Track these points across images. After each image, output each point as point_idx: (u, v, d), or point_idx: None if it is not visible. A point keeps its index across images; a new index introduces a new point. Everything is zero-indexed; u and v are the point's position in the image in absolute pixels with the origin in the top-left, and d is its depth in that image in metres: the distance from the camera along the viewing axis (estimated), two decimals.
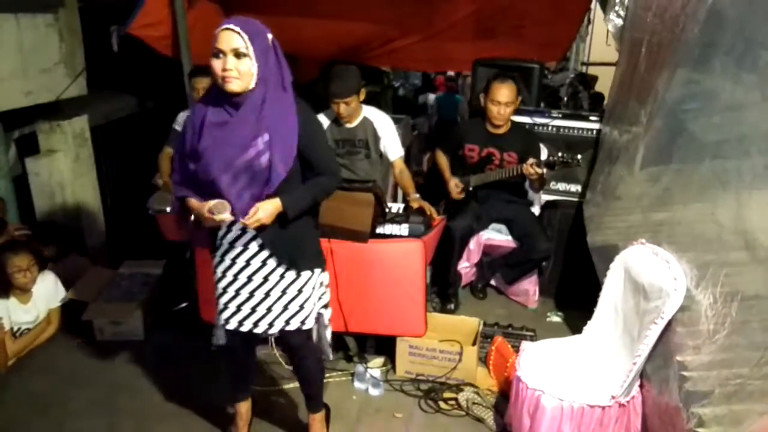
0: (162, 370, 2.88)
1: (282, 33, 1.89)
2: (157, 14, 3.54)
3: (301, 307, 2.05)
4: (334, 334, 2.68)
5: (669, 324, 1.96)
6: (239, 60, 1.75)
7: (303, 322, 2.07)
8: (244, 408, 2.33)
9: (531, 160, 3.06)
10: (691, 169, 2.03)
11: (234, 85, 1.77)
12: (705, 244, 1.90)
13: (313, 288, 2.07)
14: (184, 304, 3.24)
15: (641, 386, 2.17)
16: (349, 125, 3.08)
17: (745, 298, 1.55)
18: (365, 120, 3.09)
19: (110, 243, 4.09)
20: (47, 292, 3.12)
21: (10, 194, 3.60)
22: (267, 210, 1.85)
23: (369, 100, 3.10)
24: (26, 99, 3.40)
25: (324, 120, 3.10)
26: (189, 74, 3.47)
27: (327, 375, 2.81)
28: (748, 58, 1.72)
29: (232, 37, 1.75)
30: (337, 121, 3.06)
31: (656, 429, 2.07)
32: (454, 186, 3.34)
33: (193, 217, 1.93)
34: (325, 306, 2.19)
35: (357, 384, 2.76)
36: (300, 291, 2.03)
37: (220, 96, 1.83)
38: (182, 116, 3.46)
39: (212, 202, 1.82)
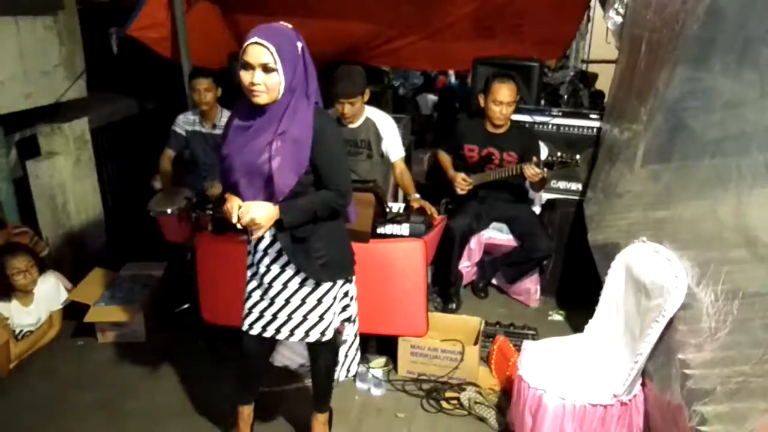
0: (164, 372, 2.88)
1: None
2: (157, 16, 3.55)
3: (321, 317, 2.04)
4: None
5: (670, 322, 1.96)
6: (267, 75, 1.74)
7: (323, 334, 2.06)
8: (246, 411, 2.33)
9: (533, 160, 3.05)
10: (692, 166, 2.03)
11: (261, 99, 1.77)
12: (706, 241, 1.89)
13: (334, 298, 2.05)
14: (185, 306, 3.24)
15: (643, 384, 2.17)
16: (351, 125, 3.07)
17: (747, 296, 1.55)
18: (368, 120, 3.09)
19: (111, 245, 4.09)
20: (49, 293, 3.12)
21: (10, 197, 3.60)
22: (260, 210, 1.82)
23: (369, 100, 3.10)
24: (26, 102, 3.41)
25: (328, 113, 3.10)
26: (188, 76, 3.48)
27: None
28: (748, 55, 1.72)
29: (260, 52, 1.72)
30: (339, 121, 3.06)
31: (658, 427, 2.07)
32: (462, 180, 3.28)
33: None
34: (348, 320, 2.16)
35: (359, 384, 2.76)
36: (320, 301, 2.02)
37: (247, 104, 1.84)
38: (181, 118, 3.46)
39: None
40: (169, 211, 3.14)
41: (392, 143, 3.12)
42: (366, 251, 2.65)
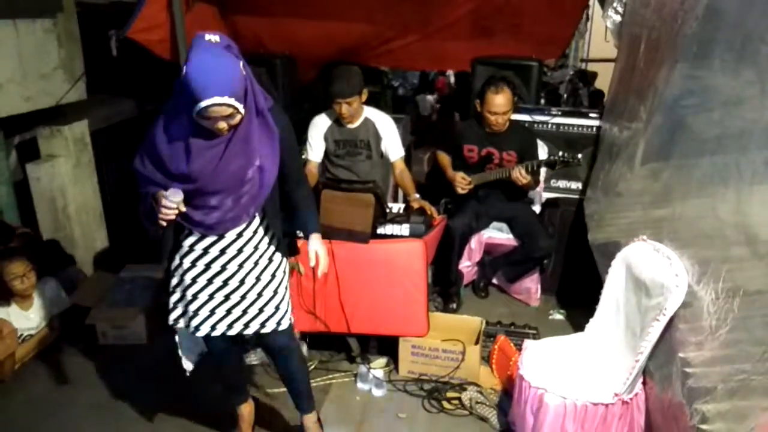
0: (165, 374, 2.88)
1: (280, 34, 1.89)
2: (156, 18, 3.55)
3: (277, 308, 2.06)
4: (335, 335, 2.70)
5: (671, 320, 1.96)
6: (231, 118, 1.72)
7: (279, 323, 2.07)
8: (246, 410, 2.33)
9: (518, 167, 3.11)
10: (692, 164, 2.03)
11: (228, 130, 1.76)
12: (706, 240, 1.89)
13: (286, 288, 2.10)
14: None
15: (644, 383, 2.17)
16: (350, 126, 3.07)
17: (747, 294, 1.55)
18: (367, 121, 3.09)
19: (112, 247, 4.09)
20: (49, 298, 3.12)
21: (11, 200, 3.60)
22: (322, 251, 2.07)
23: (368, 101, 3.10)
24: (26, 104, 3.41)
25: (325, 120, 3.11)
26: None
27: (330, 376, 2.82)
28: (747, 53, 1.72)
29: (221, 110, 1.68)
30: (338, 121, 3.06)
31: (660, 426, 2.07)
32: (461, 179, 3.28)
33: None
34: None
35: (360, 385, 2.76)
36: (275, 292, 2.05)
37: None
38: None
39: (170, 191, 1.79)
40: None
41: (392, 143, 3.12)
42: (366, 252, 2.66)
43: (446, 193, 3.39)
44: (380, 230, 2.75)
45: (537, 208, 3.59)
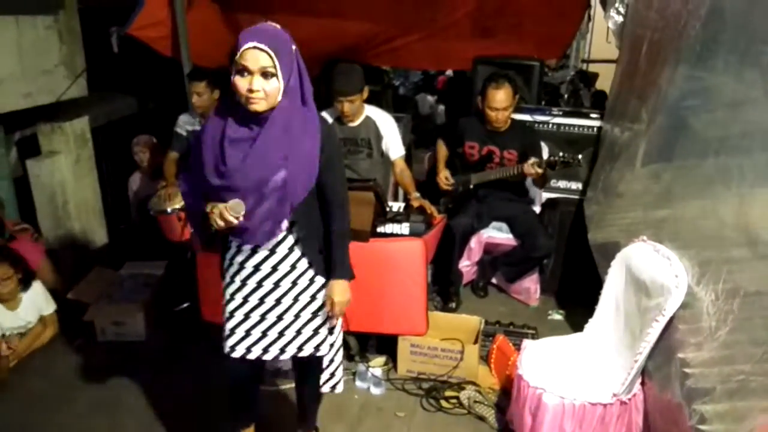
0: (164, 371, 2.88)
1: None
2: (157, 15, 3.55)
3: (316, 331, 1.97)
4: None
5: (670, 321, 1.96)
6: (267, 80, 1.62)
7: (317, 348, 1.99)
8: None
9: (532, 160, 3.07)
10: (693, 165, 2.03)
11: (260, 106, 1.64)
12: (706, 240, 1.89)
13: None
14: (185, 305, 3.24)
15: (643, 384, 2.17)
16: (351, 124, 3.07)
17: (747, 295, 1.55)
18: (368, 119, 3.09)
19: (111, 244, 4.09)
20: (35, 300, 3.05)
21: (11, 196, 3.60)
22: (342, 295, 1.91)
23: (369, 99, 3.10)
24: (26, 101, 3.40)
25: (326, 118, 3.10)
26: (186, 77, 3.46)
27: None
28: (750, 54, 1.72)
29: (260, 56, 1.59)
30: (339, 119, 3.06)
31: (658, 426, 2.07)
32: (444, 178, 3.38)
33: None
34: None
35: (359, 383, 2.76)
36: (314, 314, 1.95)
37: (239, 110, 1.68)
38: (182, 119, 3.45)
39: (231, 202, 1.69)
40: (169, 210, 3.14)
41: (392, 142, 3.12)
42: (366, 250, 2.65)
43: (446, 192, 3.39)
44: (380, 229, 2.74)
45: (537, 208, 3.59)
